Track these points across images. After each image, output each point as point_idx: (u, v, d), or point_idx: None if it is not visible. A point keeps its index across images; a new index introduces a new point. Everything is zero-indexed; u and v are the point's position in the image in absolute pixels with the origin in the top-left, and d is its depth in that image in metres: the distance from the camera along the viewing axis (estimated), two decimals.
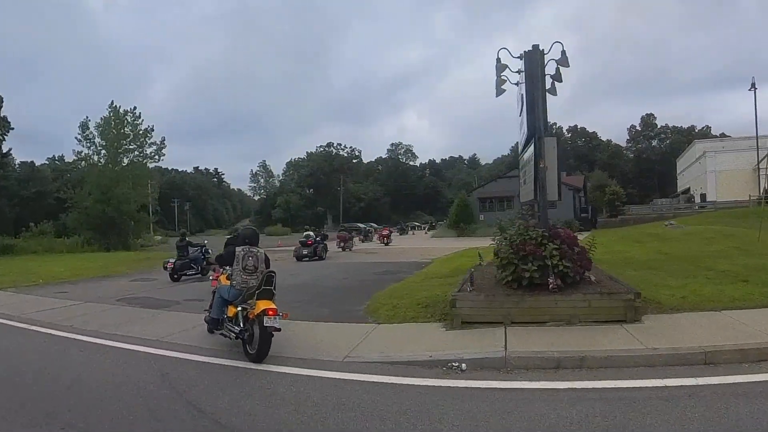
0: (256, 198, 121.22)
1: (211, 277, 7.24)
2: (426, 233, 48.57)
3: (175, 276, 13.01)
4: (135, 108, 34.00)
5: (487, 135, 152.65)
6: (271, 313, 5.04)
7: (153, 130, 34.36)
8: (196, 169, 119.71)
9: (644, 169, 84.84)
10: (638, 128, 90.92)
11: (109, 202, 30.56)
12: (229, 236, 12.52)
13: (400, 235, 45.32)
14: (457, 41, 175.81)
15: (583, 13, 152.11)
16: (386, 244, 28.77)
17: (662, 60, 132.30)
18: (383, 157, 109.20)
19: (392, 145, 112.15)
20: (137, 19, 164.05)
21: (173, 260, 13.33)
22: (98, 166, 32.81)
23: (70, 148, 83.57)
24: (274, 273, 5.57)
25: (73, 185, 34.06)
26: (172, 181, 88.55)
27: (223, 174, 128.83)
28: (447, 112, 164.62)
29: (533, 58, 6.63)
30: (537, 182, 6.63)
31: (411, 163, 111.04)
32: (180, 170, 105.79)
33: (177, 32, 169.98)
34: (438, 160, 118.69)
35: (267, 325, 4.98)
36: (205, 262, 12.72)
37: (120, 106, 33.45)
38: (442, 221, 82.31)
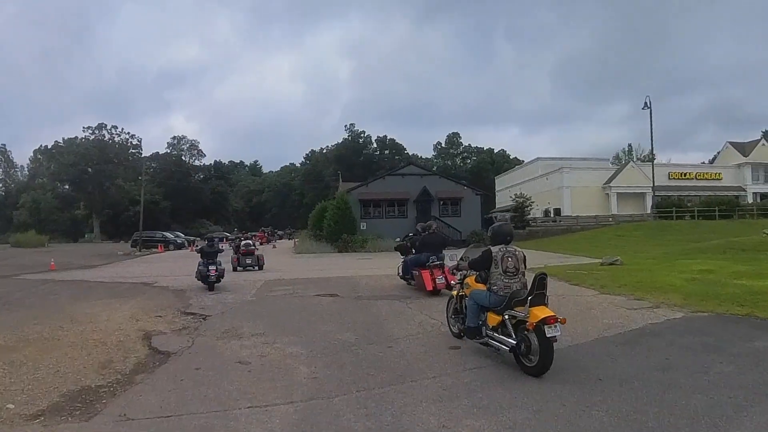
0: None
1: (454, 283, 6.68)
2: (274, 248, 36.48)
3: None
4: None
5: (266, 144, 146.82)
6: (551, 321, 4.45)
7: None
8: None
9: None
10: (444, 145, 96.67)
11: None
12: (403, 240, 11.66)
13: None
14: (237, 48, 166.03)
15: (363, 42, 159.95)
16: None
17: (433, 93, 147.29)
18: (161, 152, 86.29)
19: (174, 138, 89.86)
20: None
21: (213, 267, 11.33)
22: None
23: None
24: (546, 275, 4.77)
25: None
26: None
27: None
28: (221, 116, 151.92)
29: None
30: None
31: (196, 162, 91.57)
32: None
33: None
34: (212, 162, 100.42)
35: (550, 335, 4.44)
36: (457, 268, 6.83)
37: None
38: (289, 230, 68.72)
